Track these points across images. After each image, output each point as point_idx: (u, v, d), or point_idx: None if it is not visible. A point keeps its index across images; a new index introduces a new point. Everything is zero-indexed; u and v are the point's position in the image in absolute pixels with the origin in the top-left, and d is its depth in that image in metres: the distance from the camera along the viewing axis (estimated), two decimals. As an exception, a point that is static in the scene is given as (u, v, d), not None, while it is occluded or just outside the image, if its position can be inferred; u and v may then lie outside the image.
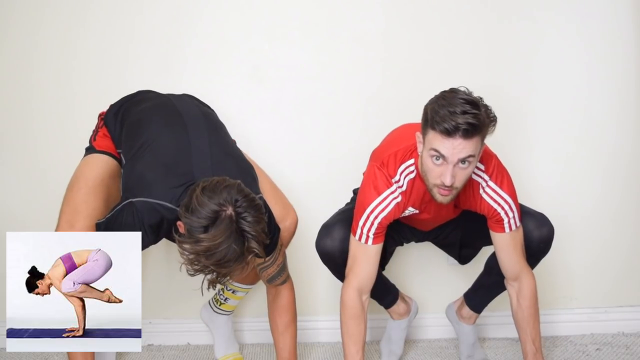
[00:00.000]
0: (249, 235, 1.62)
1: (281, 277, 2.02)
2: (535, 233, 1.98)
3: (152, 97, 2.13)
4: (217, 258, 1.61)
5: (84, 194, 1.90)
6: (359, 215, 1.92)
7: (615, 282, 2.55)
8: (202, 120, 2.00)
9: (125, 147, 1.96)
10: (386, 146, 2.07)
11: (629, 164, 2.53)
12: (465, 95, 1.76)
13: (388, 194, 1.90)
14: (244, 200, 1.63)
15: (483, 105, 1.77)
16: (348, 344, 1.96)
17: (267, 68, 2.47)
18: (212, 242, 1.59)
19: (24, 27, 2.43)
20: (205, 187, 1.64)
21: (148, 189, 1.77)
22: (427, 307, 2.51)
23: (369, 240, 1.91)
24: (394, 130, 2.16)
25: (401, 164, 1.92)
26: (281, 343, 2.07)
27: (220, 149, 1.93)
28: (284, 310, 2.06)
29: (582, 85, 2.51)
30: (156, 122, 1.96)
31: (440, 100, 1.76)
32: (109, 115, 2.08)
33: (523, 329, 2.01)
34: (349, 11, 2.47)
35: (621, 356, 2.32)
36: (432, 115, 1.76)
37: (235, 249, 1.61)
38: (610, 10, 2.48)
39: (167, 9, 2.45)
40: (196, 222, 1.61)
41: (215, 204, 1.60)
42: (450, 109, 1.72)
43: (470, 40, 2.48)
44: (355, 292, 1.94)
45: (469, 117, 1.71)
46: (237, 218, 1.61)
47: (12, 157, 2.48)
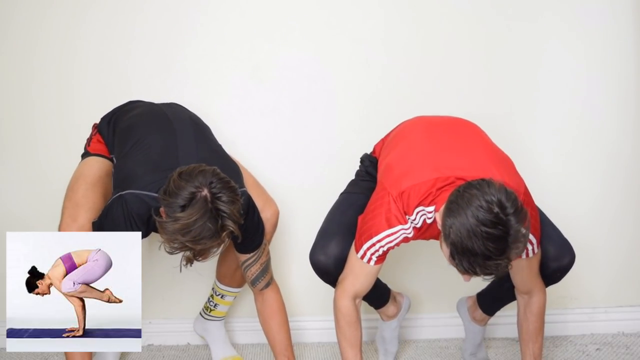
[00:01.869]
0: (224, 214, 1.69)
1: (265, 277, 2.03)
2: (554, 264, 1.90)
3: (142, 105, 2.23)
4: (193, 235, 1.67)
5: (84, 189, 2.01)
6: (365, 239, 1.82)
7: (615, 282, 2.55)
8: (189, 123, 2.10)
9: (117, 150, 2.05)
10: (403, 158, 1.90)
11: (629, 164, 2.53)
12: (492, 222, 1.52)
13: (400, 228, 1.79)
14: (218, 182, 1.71)
15: (514, 233, 1.54)
16: (345, 348, 1.95)
17: (267, 68, 2.47)
18: (188, 219, 1.66)
19: (24, 28, 2.43)
20: (182, 172, 1.72)
21: (136, 182, 1.85)
22: (428, 307, 2.51)
23: (372, 262, 1.85)
24: (415, 128, 2.04)
25: (420, 205, 1.76)
26: (277, 338, 2.08)
27: (206, 147, 2.03)
28: (274, 313, 2.07)
29: (582, 86, 2.51)
30: (145, 124, 2.07)
31: (462, 227, 1.54)
32: (102, 124, 2.17)
33: (526, 342, 1.98)
34: (348, 11, 2.47)
35: (621, 356, 2.32)
36: (452, 245, 1.57)
37: (210, 227, 1.68)
38: (611, 10, 2.48)
39: (167, 9, 2.45)
40: (174, 203, 1.68)
41: (192, 186, 1.68)
42: (471, 257, 1.54)
43: (471, 41, 2.48)
44: (351, 300, 1.92)
45: (492, 267, 1.55)
46: (212, 198, 1.68)
47: (12, 157, 2.48)
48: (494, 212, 1.53)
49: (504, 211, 1.53)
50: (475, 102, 2.46)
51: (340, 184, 2.14)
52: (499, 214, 1.53)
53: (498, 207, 1.53)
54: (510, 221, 1.53)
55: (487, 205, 1.53)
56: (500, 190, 1.56)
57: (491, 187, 1.56)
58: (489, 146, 1.94)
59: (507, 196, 1.55)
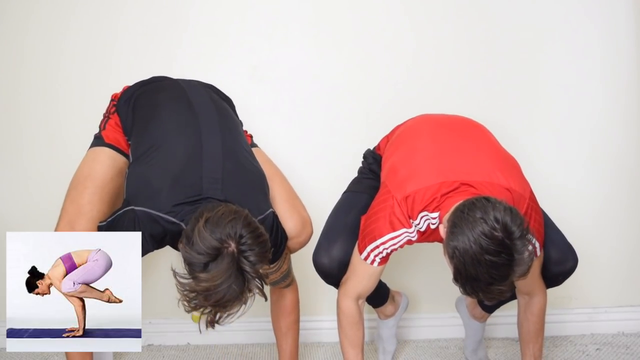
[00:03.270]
0: (249, 276, 1.54)
1: (285, 282, 2.00)
2: (556, 268, 1.89)
3: (168, 87, 2.01)
4: (216, 299, 1.53)
5: (90, 194, 1.82)
6: (369, 241, 1.81)
7: (615, 282, 2.55)
8: (217, 119, 1.89)
9: (134, 140, 1.87)
10: (408, 160, 1.87)
11: (630, 165, 2.53)
12: (496, 251, 1.50)
13: (403, 231, 1.77)
14: (249, 236, 1.54)
15: (518, 258, 1.52)
16: (347, 347, 1.95)
17: (266, 67, 2.47)
18: (212, 282, 1.51)
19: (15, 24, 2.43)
20: (209, 219, 1.54)
21: (151, 200, 1.69)
22: (428, 306, 2.51)
23: (375, 263, 1.84)
24: (420, 128, 2.00)
25: (425, 211, 1.74)
26: (283, 344, 2.07)
27: (233, 156, 1.82)
28: (286, 311, 2.05)
29: (586, 89, 2.51)
30: (168, 120, 1.87)
31: (466, 254, 1.52)
32: (121, 102, 1.97)
33: (526, 343, 1.98)
34: (349, 11, 2.47)
35: (621, 356, 2.32)
36: (456, 269, 1.56)
37: (235, 289, 1.53)
38: (616, 13, 2.48)
39: (167, 9, 2.45)
40: (196, 258, 1.53)
41: (217, 239, 1.52)
42: (474, 282, 1.53)
43: (472, 42, 2.48)
44: (354, 301, 1.92)
45: (495, 292, 1.54)
46: (239, 256, 1.53)
47: (12, 157, 2.48)
48: (498, 239, 1.50)
49: (510, 236, 1.50)
50: (475, 105, 2.46)
51: (341, 183, 2.14)
52: (504, 240, 1.50)
53: (502, 232, 1.50)
54: (516, 246, 1.51)
55: (490, 232, 1.50)
56: (505, 211, 1.52)
57: (495, 208, 1.53)
58: (494, 148, 1.93)
59: (512, 218, 1.52)
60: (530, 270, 1.80)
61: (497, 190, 1.71)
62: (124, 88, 2.03)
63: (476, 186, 1.71)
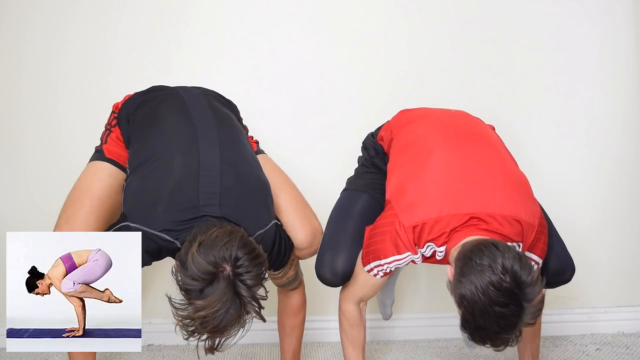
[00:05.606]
0: (245, 300, 1.51)
1: (292, 285, 2.00)
2: (553, 278, 1.85)
3: (167, 97, 1.96)
4: (214, 325, 1.50)
5: (86, 213, 1.81)
6: (373, 259, 1.78)
7: (615, 282, 2.56)
8: (216, 131, 1.83)
9: (132, 150, 1.85)
10: (417, 181, 1.79)
11: (630, 164, 2.53)
12: (504, 302, 1.46)
13: (408, 254, 1.74)
14: (245, 257, 1.51)
15: (527, 307, 1.48)
16: (348, 348, 1.97)
17: (267, 67, 2.47)
18: (209, 309, 1.48)
19: (15, 24, 2.44)
20: (202, 242, 1.51)
21: (147, 217, 1.66)
22: (428, 306, 2.51)
23: (378, 276, 1.82)
24: (431, 136, 1.91)
25: (432, 242, 1.71)
26: (286, 344, 2.08)
27: (232, 168, 1.76)
28: (293, 312, 2.05)
29: (586, 89, 2.52)
30: (167, 132, 1.82)
31: (475, 305, 1.48)
32: (122, 115, 1.94)
33: (524, 343, 1.98)
34: (349, 11, 2.47)
35: (621, 356, 2.32)
36: (463, 319, 1.52)
37: (233, 313, 1.50)
38: (616, 14, 2.48)
39: (167, 9, 2.45)
40: (191, 284, 1.50)
41: (211, 263, 1.48)
42: (482, 332, 1.50)
43: (471, 42, 2.49)
44: (355, 305, 1.92)
45: (502, 339, 1.51)
46: (235, 280, 1.49)
47: (12, 157, 2.48)
48: (507, 289, 1.46)
49: (519, 286, 1.47)
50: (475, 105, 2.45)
51: (341, 183, 2.14)
52: (513, 290, 1.46)
53: (511, 281, 1.46)
54: (526, 295, 1.48)
55: (499, 282, 1.46)
56: (514, 259, 1.49)
57: (505, 255, 1.49)
58: (504, 168, 1.83)
59: (522, 264, 1.48)
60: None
61: (507, 222, 1.67)
62: (125, 98, 1.99)
63: (486, 219, 1.66)
